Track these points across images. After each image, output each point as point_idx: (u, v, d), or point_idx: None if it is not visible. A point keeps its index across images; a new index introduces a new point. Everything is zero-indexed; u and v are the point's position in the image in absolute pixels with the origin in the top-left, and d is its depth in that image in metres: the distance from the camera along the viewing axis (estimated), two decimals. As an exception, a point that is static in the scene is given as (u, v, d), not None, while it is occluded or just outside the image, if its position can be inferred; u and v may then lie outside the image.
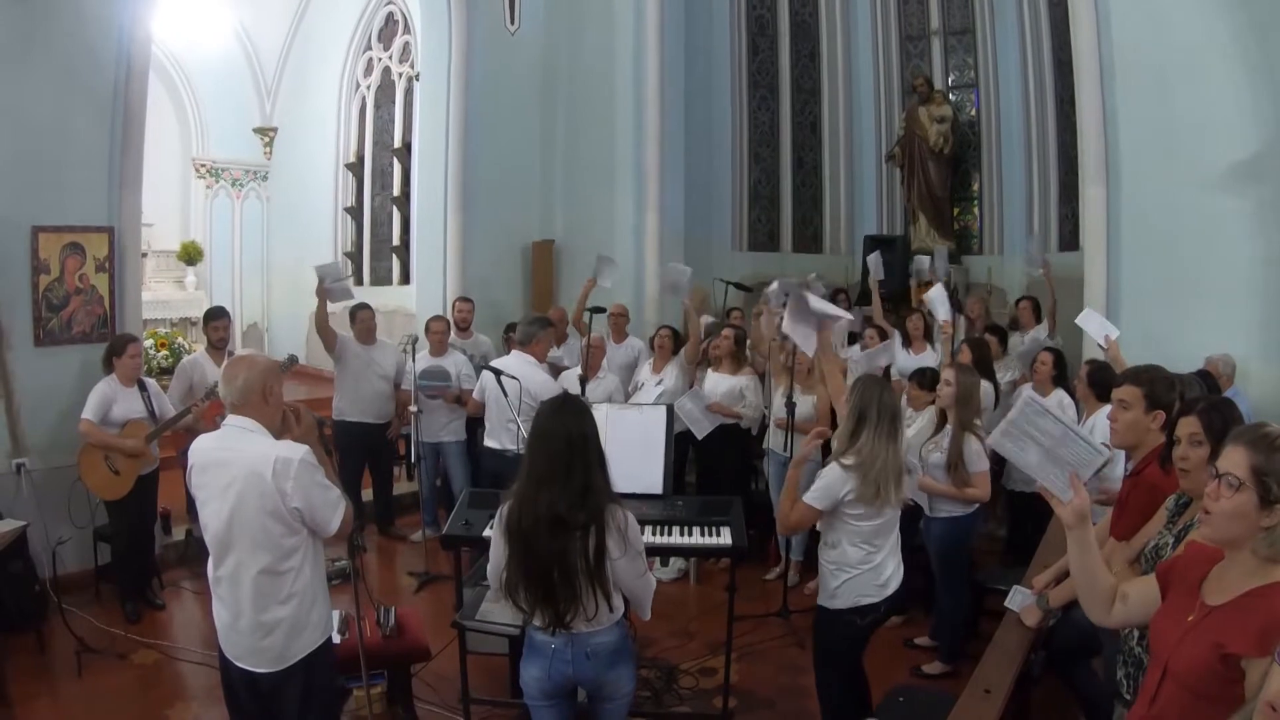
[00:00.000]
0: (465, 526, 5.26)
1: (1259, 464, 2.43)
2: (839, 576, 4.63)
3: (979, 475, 5.91)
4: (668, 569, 7.83)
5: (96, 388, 6.90)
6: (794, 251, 13.35)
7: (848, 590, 4.61)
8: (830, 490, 4.54)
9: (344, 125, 15.94)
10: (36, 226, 7.19)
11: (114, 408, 6.89)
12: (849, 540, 4.60)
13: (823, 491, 4.55)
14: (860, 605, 4.62)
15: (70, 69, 7.29)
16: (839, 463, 4.57)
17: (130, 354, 7.00)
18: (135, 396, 7.03)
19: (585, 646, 3.64)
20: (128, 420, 6.93)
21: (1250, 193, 7.37)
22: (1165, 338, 7.36)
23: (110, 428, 6.87)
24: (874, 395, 4.60)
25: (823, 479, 4.59)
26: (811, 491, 4.59)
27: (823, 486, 4.56)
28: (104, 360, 7.05)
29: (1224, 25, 7.37)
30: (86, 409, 6.81)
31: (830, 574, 4.68)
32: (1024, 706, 4.63)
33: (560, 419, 3.59)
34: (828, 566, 4.70)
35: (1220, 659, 2.40)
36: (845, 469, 4.53)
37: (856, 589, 4.61)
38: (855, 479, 4.49)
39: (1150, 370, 4.28)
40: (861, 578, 4.60)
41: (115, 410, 6.90)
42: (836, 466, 4.57)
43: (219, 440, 3.75)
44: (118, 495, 6.91)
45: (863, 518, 4.56)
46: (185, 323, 15.65)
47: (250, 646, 3.70)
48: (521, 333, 7.52)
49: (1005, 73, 12.16)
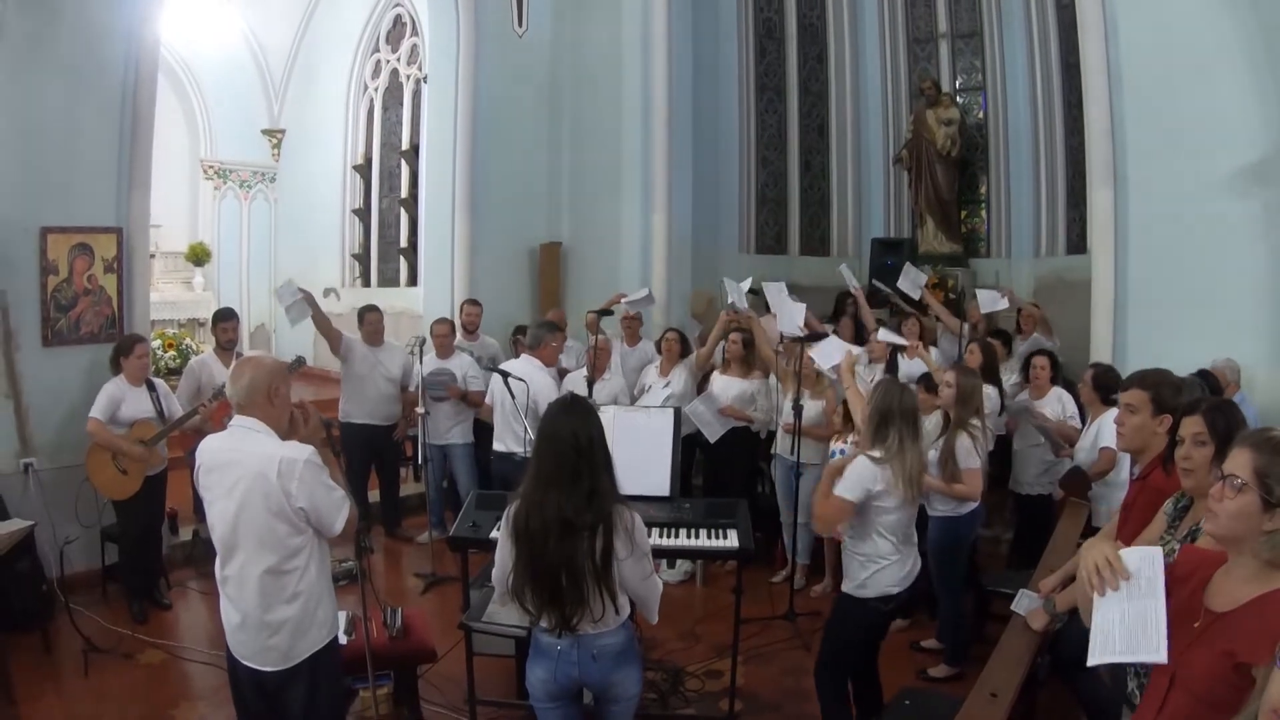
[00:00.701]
0: (472, 528, 5.27)
1: (1262, 466, 2.43)
2: (869, 568, 4.75)
3: (968, 472, 5.93)
4: (674, 571, 7.83)
5: (105, 387, 6.92)
6: (801, 254, 13.36)
7: (877, 581, 4.75)
8: (861, 482, 4.64)
9: (352, 127, 15.96)
10: (45, 227, 7.21)
11: (122, 407, 6.90)
12: (879, 533, 4.72)
13: (854, 483, 4.65)
14: (887, 594, 4.76)
15: (79, 71, 7.31)
16: (868, 455, 4.69)
17: (138, 354, 7.02)
18: (144, 396, 7.05)
19: (591, 648, 3.64)
20: (136, 420, 6.94)
21: (1258, 196, 7.35)
22: (1172, 341, 7.33)
23: (118, 427, 6.88)
24: (895, 396, 4.77)
25: (853, 471, 4.69)
26: (842, 484, 4.68)
27: (854, 479, 4.66)
28: (111, 360, 7.06)
29: (1231, 28, 7.35)
30: (95, 408, 6.83)
31: (860, 565, 4.78)
32: (1030, 710, 4.61)
33: (567, 421, 3.59)
34: (857, 559, 4.80)
35: (1233, 668, 2.38)
36: (875, 461, 4.66)
37: (886, 580, 4.75)
38: (886, 472, 4.62)
39: (1156, 374, 4.28)
40: (891, 569, 4.74)
41: (123, 410, 6.91)
42: (865, 459, 4.69)
43: (226, 441, 3.76)
44: (125, 495, 6.92)
45: (892, 510, 4.68)
46: (193, 323, 15.68)
47: (256, 646, 3.72)
48: (531, 336, 7.54)
49: (1013, 76, 12.16)
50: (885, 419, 4.70)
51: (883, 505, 4.67)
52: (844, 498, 4.66)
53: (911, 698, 4.82)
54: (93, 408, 6.84)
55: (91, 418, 6.81)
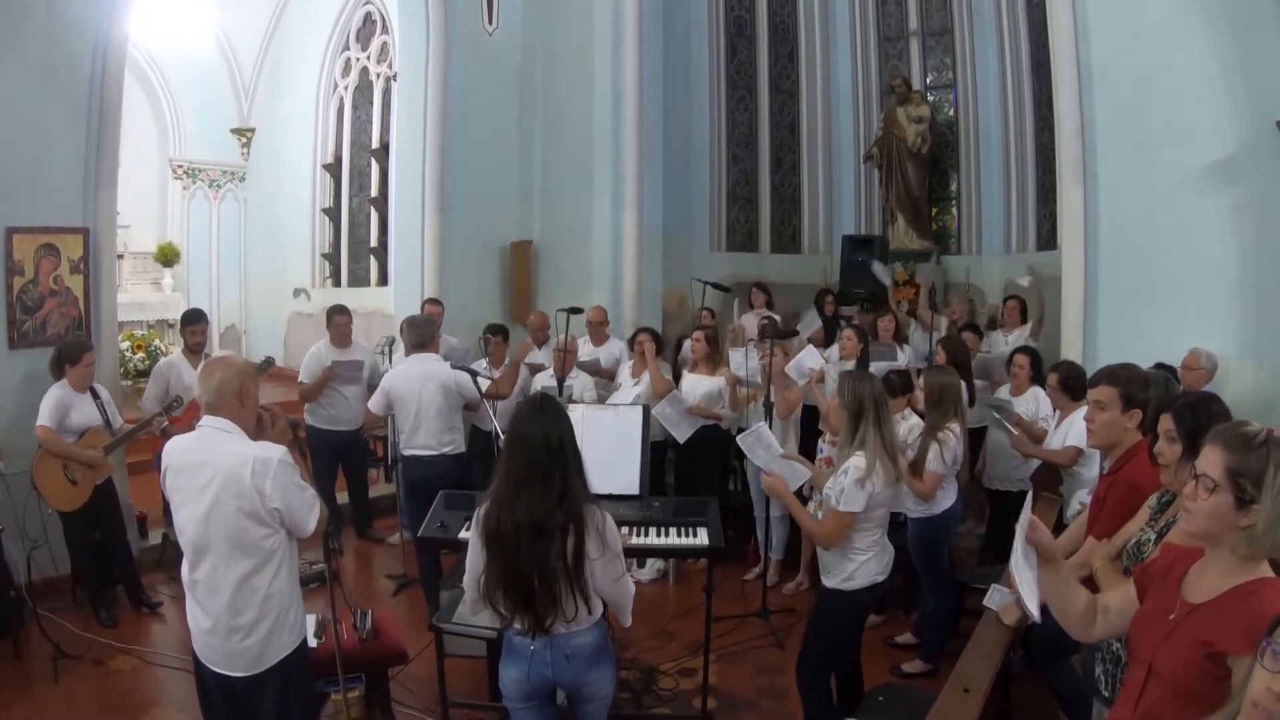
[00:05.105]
0: (441, 529, 5.24)
1: (1233, 464, 2.42)
2: (855, 560, 4.76)
3: (928, 474, 5.97)
4: (645, 570, 7.82)
5: (51, 392, 6.72)
6: (772, 252, 13.38)
7: (864, 572, 4.77)
8: (861, 490, 4.62)
9: (322, 126, 15.84)
10: (10, 228, 7.13)
11: (71, 414, 6.75)
12: (861, 526, 4.72)
13: (852, 494, 4.62)
14: (874, 584, 4.80)
15: (45, 68, 7.24)
16: (854, 465, 4.66)
17: (85, 363, 6.84)
18: (90, 403, 6.90)
19: (564, 648, 3.63)
20: (87, 428, 6.82)
21: (1227, 193, 7.41)
22: (1142, 337, 7.38)
23: (67, 435, 6.73)
24: (862, 388, 4.76)
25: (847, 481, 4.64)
26: (845, 500, 4.63)
27: (850, 489, 4.62)
28: (53, 365, 6.84)
29: (1201, 27, 7.40)
30: (42, 415, 6.63)
31: (843, 557, 4.77)
32: (1004, 705, 4.64)
33: (538, 422, 3.57)
34: (839, 553, 4.78)
35: (1207, 657, 2.39)
36: (864, 466, 4.64)
37: (871, 570, 4.78)
38: (877, 469, 4.62)
39: (1125, 369, 4.30)
40: (873, 561, 4.78)
41: (73, 417, 6.76)
42: (854, 469, 4.65)
43: (195, 442, 3.73)
44: (73, 506, 6.77)
45: (876, 505, 4.70)
46: (162, 324, 15.51)
47: (227, 650, 3.68)
48: (424, 335, 7.37)
49: (983, 74, 12.24)
50: (858, 414, 4.71)
51: (879, 499, 4.68)
52: (849, 511, 4.63)
53: (885, 694, 4.84)
54: (40, 414, 6.64)
55: (41, 425, 6.61)
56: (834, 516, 4.69)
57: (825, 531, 4.78)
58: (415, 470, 7.07)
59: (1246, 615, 2.34)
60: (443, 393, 7.00)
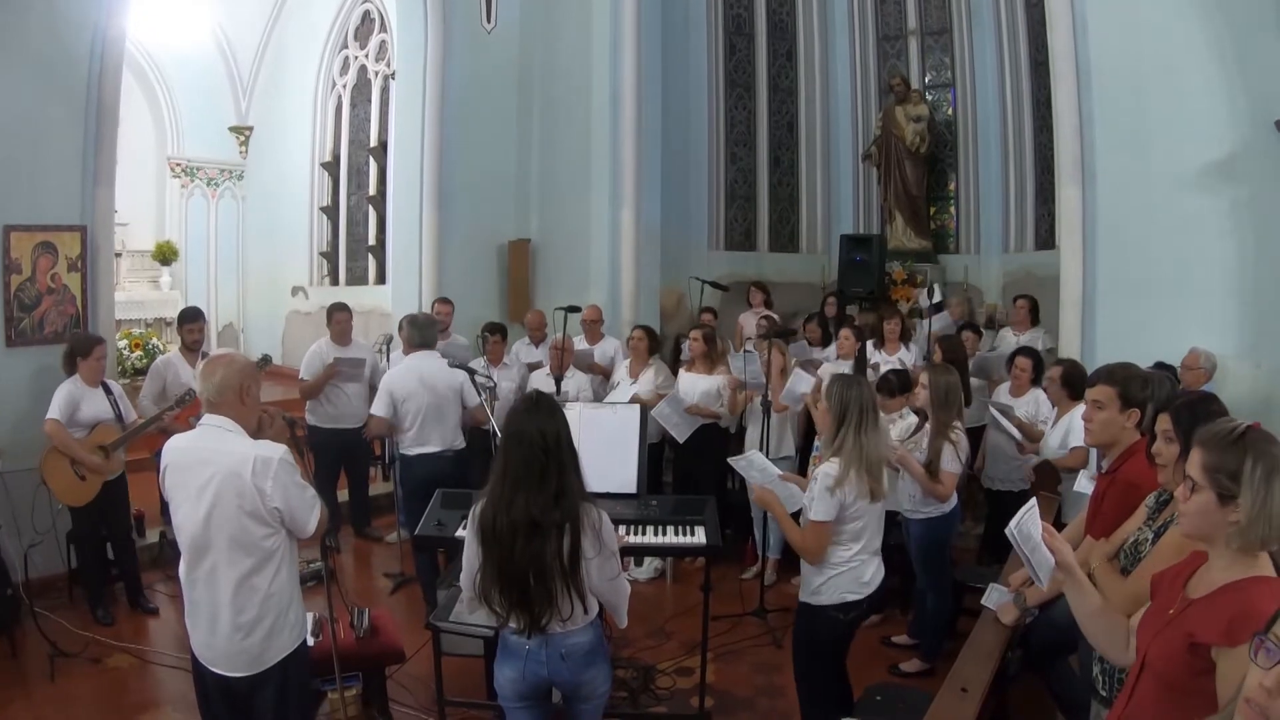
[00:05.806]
0: (438, 527, 5.23)
1: (1210, 462, 2.48)
2: (824, 573, 4.60)
3: (946, 474, 5.92)
4: (643, 569, 7.81)
5: (62, 387, 6.73)
6: (771, 251, 13.38)
7: (831, 588, 4.59)
8: (830, 497, 4.48)
9: (320, 124, 15.82)
10: (8, 225, 7.12)
11: (81, 407, 6.74)
12: (834, 539, 4.57)
13: (822, 501, 4.49)
14: (845, 602, 4.60)
15: (44, 66, 7.23)
16: (824, 471, 4.52)
17: (96, 356, 6.85)
18: (101, 398, 6.89)
19: (560, 647, 3.62)
20: (97, 422, 6.82)
21: (1225, 192, 7.42)
22: (1141, 336, 7.39)
23: (77, 429, 6.73)
24: (849, 394, 4.60)
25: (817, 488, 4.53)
26: (816, 508, 4.52)
27: (820, 497, 4.50)
28: (65, 360, 6.86)
29: (1199, 27, 7.41)
30: (53, 409, 6.64)
31: (815, 571, 4.64)
32: (1002, 705, 4.63)
33: (534, 420, 3.56)
34: (815, 566, 4.66)
35: (1189, 649, 2.42)
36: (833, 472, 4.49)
37: (841, 586, 4.59)
38: (850, 478, 4.46)
39: (1123, 369, 4.29)
40: (844, 576, 4.58)
41: (83, 411, 6.75)
42: (823, 475, 4.52)
43: (195, 440, 3.72)
44: (82, 501, 6.79)
45: (851, 518, 4.54)
46: (160, 323, 15.47)
47: (227, 650, 3.68)
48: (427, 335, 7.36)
49: (982, 73, 12.25)
50: (840, 420, 4.57)
51: (853, 511, 4.53)
52: (822, 520, 4.51)
53: (882, 693, 4.82)
54: (50, 408, 6.65)
55: (50, 419, 6.62)
56: (811, 527, 4.57)
57: (806, 545, 4.64)
58: (418, 469, 7.04)
59: (1231, 608, 2.38)
60: (445, 391, 7.00)
